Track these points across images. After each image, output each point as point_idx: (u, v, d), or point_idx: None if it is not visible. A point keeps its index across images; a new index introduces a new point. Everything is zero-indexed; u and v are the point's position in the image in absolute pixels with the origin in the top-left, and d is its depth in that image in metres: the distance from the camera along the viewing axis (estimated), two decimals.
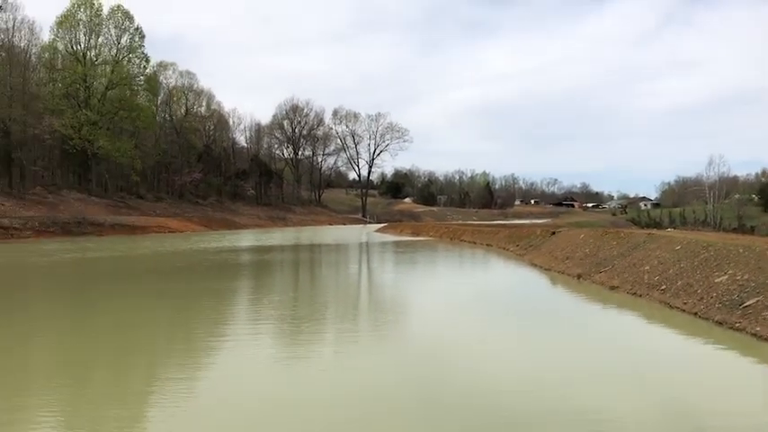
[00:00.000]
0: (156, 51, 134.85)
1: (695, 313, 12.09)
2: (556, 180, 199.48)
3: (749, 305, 11.09)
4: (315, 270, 25.25)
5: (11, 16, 69.56)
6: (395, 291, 18.14)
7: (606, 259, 18.97)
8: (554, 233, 28.12)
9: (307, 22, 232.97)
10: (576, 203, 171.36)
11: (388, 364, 8.69)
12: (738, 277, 12.54)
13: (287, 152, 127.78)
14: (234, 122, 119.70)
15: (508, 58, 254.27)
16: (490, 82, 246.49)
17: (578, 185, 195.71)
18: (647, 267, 16.17)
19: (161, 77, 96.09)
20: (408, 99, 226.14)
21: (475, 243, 37.77)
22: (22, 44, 71.62)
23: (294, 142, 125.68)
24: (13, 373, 8.32)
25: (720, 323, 11.10)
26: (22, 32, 71.49)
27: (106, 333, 11.25)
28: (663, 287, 14.36)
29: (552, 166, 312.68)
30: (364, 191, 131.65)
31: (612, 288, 16.08)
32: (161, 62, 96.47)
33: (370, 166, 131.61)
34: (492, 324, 12.24)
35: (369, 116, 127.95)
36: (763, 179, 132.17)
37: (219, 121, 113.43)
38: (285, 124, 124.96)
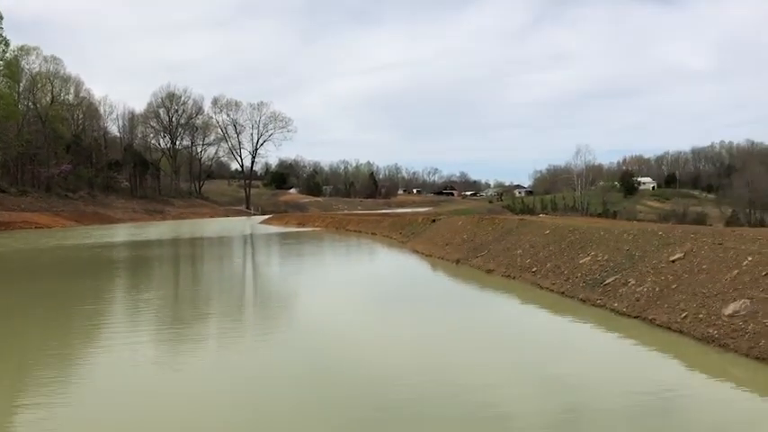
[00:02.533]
0: (16, 35, 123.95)
1: (562, 292, 12.98)
2: (436, 169, 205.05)
3: (608, 283, 12.07)
4: (196, 265, 24.54)
5: None
6: (281, 284, 18.03)
7: (483, 244, 19.85)
8: (434, 221, 29.02)
9: (185, 5, 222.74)
10: (455, 192, 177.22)
11: (275, 361, 8.64)
12: (600, 258, 13.60)
13: (164, 142, 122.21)
14: (105, 111, 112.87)
15: (392, 48, 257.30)
16: (374, 72, 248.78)
17: (458, 174, 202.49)
18: (520, 251, 17.11)
19: (23, 63, 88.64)
20: (292, 88, 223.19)
21: (360, 232, 38.19)
22: None
23: (171, 132, 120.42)
24: None
25: (584, 300, 11.99)
26: None
27: None
28: (534, 269, 15.27)
29: (433, 156, 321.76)
30: (247, 182, 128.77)
31: (489, 271, 16.88)
32: (22, 46, 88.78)
33: (254, 157, 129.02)
34: (375, 312, 12.50)
35: (251, 105, 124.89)
36: (624, 167, 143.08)
37: (89, 109, 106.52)
38: (161, 113, 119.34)
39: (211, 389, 7.24)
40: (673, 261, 11.37)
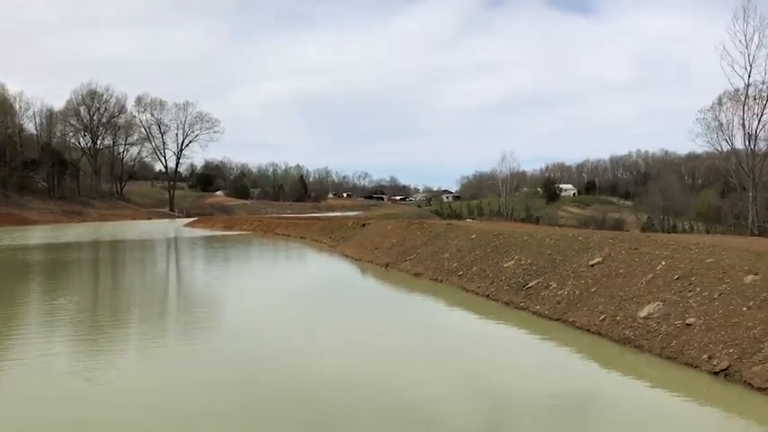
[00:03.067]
0: None
1: (487, 295, 13.25)
2: (366, 174, 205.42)
3: (531, 286, 12.41)
4: (116, 270, 23.63)
5: None
6: (205, 290, 17.56)
7: (411, 248, 20.04)
8: (364, 225, 29.06)
9: (109, 0, 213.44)
10: (385, 196, 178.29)
11: (198, 370, 8.37)
12: (523, 262, 13.96)
13: (84, 141, 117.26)
14: (21, 107, 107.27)
15: (323, 52, 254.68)
16: (305, 75, 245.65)
17: (387, 179, 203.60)
18: (447, 255, 17.36)
19: None
20: (221, 89, 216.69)
21: (289, 236, 37.80)
22: None
23: (92, 130, 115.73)
24: None
25: (508, 303, 12.29)
26: None
27: None
28: (460, 273, 15.52)
29: (363, 160, 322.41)
30: (172, 183, 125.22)
31: (417, 275, 17.04)
32: None
33: (178, 158, 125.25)
34: (303, 317, 12.38)
35: (176, 105, 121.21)
36: (546, 174, 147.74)
37: (3, 104, 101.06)
38: (82, 111, 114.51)
39: (130, 401, 6.97)
40: (592, 265, 11.81)
